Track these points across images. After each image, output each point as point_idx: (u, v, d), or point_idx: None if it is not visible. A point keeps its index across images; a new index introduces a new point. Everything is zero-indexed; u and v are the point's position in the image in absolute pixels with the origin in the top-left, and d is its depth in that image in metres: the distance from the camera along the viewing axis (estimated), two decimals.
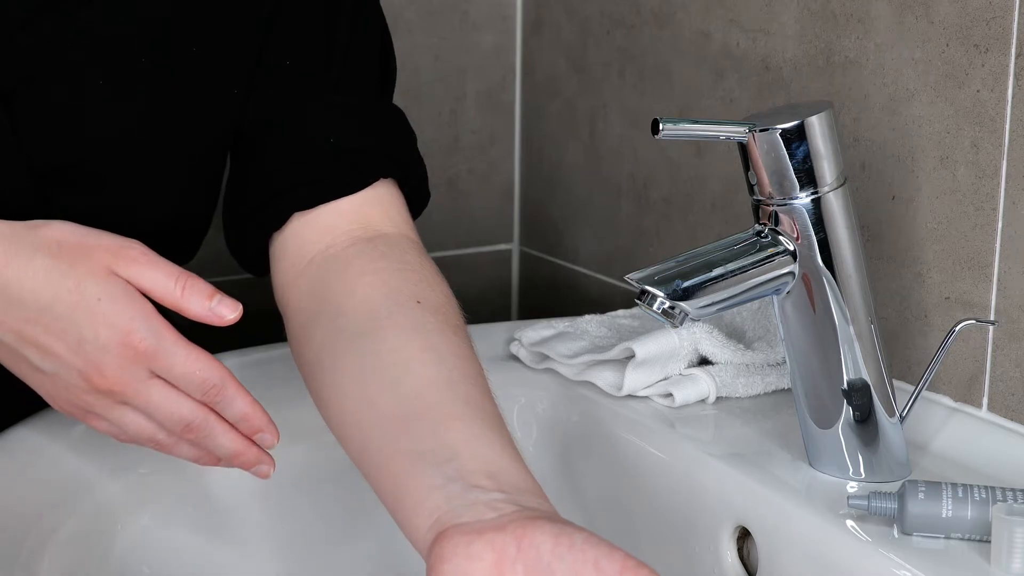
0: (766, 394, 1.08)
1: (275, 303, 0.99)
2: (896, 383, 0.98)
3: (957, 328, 0.94)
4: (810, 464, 0.95)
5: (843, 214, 0.89)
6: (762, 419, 1.04)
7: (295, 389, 0.94)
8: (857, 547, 0.86)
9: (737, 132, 0.88)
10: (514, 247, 1.57)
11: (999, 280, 0.98)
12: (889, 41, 1.05)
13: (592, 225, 1.43)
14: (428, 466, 0.79)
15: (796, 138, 0.88)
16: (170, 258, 0.86)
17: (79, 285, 0.83)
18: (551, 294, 1.51)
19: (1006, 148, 0.97)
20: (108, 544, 0.92)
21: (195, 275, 0.85)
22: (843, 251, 0.90)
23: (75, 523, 0.90)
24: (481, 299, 1.55)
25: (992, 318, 0.99)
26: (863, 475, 0.94)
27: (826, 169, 0.89)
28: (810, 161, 0.88)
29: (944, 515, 0.85)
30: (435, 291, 0.92)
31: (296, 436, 0.94)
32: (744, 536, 0.95)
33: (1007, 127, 0.97)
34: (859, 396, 0.92)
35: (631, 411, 1.05)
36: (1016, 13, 0.95)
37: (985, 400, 1.00)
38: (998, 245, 0.98)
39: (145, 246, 0.85)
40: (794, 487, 0.93)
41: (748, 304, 1.01)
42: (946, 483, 0.86)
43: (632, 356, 1.06)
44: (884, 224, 1.06)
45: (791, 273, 0.90)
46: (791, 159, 0.88)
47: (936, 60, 1.01)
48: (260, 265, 1.01)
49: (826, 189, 0.89)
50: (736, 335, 1.11)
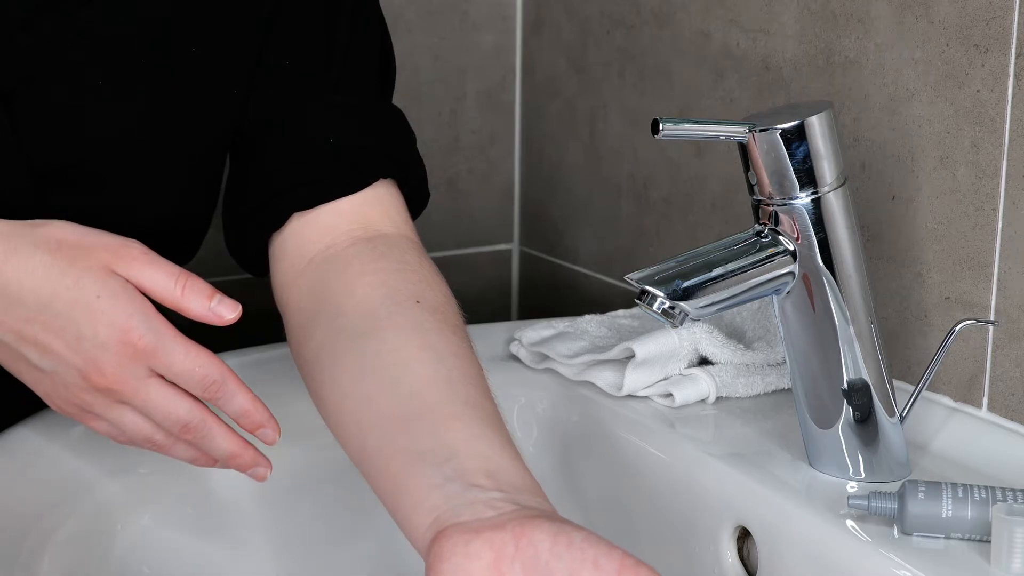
0: (766, 394, 1.08)
1: (275, 303, 0.99)
2: (896, 383, 0.98)
3: (957, 328, 0.94)
4: (810, 464, 0.95)
5: (843, 214, 0.89)
6: (762, 419, 1.04)
7: (294, 389, 0.94)
8: (857, 547, 0.86)
9: (737, 132, 0.88)
10: (514, 247, 1.57)
11: (999, 280, 0.98)
12: (889, 41, 1.05)
13: (592, 225, 1.43)
14: (427, 465, 0.79)
15: (796, 138, 0.88)
16: (170, 258, 0.86)
17: (78, 283, 0.83)
18: (551, 294, 1.51)
19: (1006, 148, 0.97)
20: (108, 544, 0.91)
21: (195, 275, 0.85)
22: (843, 251, 0.90)
23: (75, 523, 0.90)
24: (481, 299, 1.55)
25: (992, 318, 0.99)
26: (863, 475, 0.94)
27: (826, 169, 0.89)
28: (810, 161, 0.88)
29: (944, 515, 0.85)
30: (434, 291, 0.93)
31: (296, 436, 0.94)
32: (744, 536, 0.95)
33: (1007, 127, 0.96)
34: (859, 396, 0.92)
35: (631, 411, 1.05)
36: (1016, 13, 0.95)
37: (985, 400, 1.00)
38: (998, 245, 0.98)
39: (145, 246, 0.85)
40: (794, 487, 0.93)
41: (748, 304, 1.01)
42: (946, 483, 0.86)
43: (632, 356, 1.06)
44: (884, 224, 1.06)
45: (791, 273, 0.90)
46: (791, 159, 0.88)
47: (936, 60, 1.01)
48: (260, 265, 1.01)
49: (826, 189, 0.89)
50: (736, 335, 1.11)
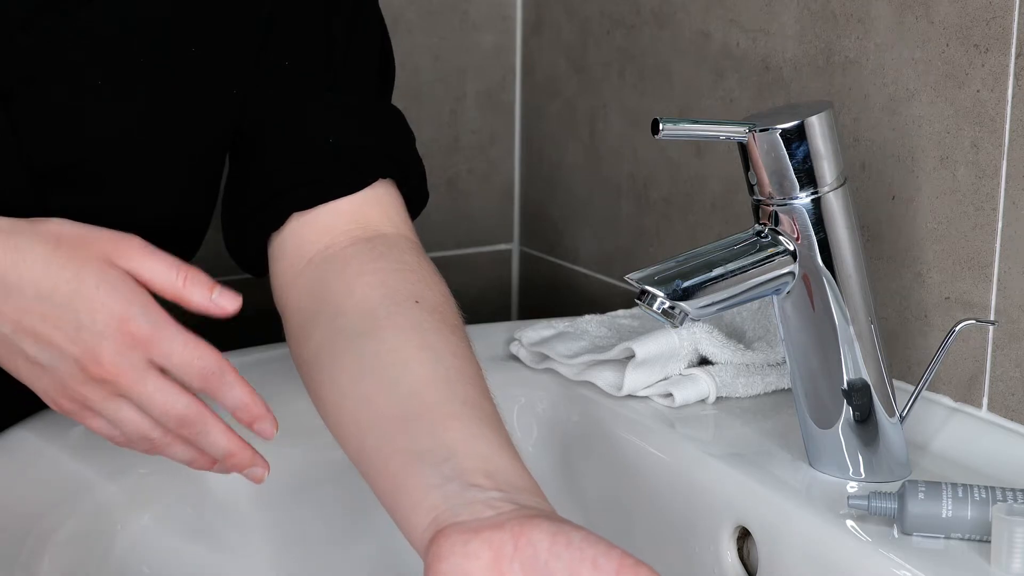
0: (766, 394, 1.08)
1: (274, 303, 0.99)
2: (896, 383, 0.98)
3: (957, 328, 0.94)
4: (810, 464, 0.95)
5: (843, 214, 0.89)
6: (762, 419, 1.04)
7: (294, 389, 0.94)
8: (857, 547, 0.86)
9: (737, 132, 0.88)
10: (514, 247, 1.57)
11: (999, 280, 0.98)
12: (889, 41, 1.05)
13: (592, 225, 1.43)
14: (426, 465, 0.79)
15: (796, 138, 0.88)
16: None
17: (77, 274, 0.83)
18: (551, 294, 1.51)
19: (1006, 148, 0.97)
20: (108, 544, 0.91)
21: (195, 267, 0.85)
22: (843, 251, 0.90)
23: (75, 523, 0.90)
24: (481, 299, 1.55)
25: (992, 318, 0.99)
26: (863, 475, 0.93)
27: (826, 169, 0.89)
28: (810, 161, 0.88)
29: (944, 515, 0.85)
30: (433, 291, 0.93)
31: (295, 436, 0.94)
32: (744, 536, 0.95)
33: (1007, 127, 0.96)
34: (859, 396, 0.92)
35: (631, 411, 1.05)
36: (1016, 13, 0.95)
37: (985, 400, 1.00)
38: (998, 245, 0.98)
39: (144, 240, 0.85)
40: (794, 487, 0.93)
41: (748, 304, 1.01)
42: (946, 483, 0.86)
43: (632, 356, 1.06)
44: (884, 224, 1.06)
45: (791, 273, 0.90)
46: (791, 159, 0.88)
47: (936, 60, 1.01)
48: (259, 265, 1.00)
49: (826, 189, 0.89)
50: (736, 335, 1.11)
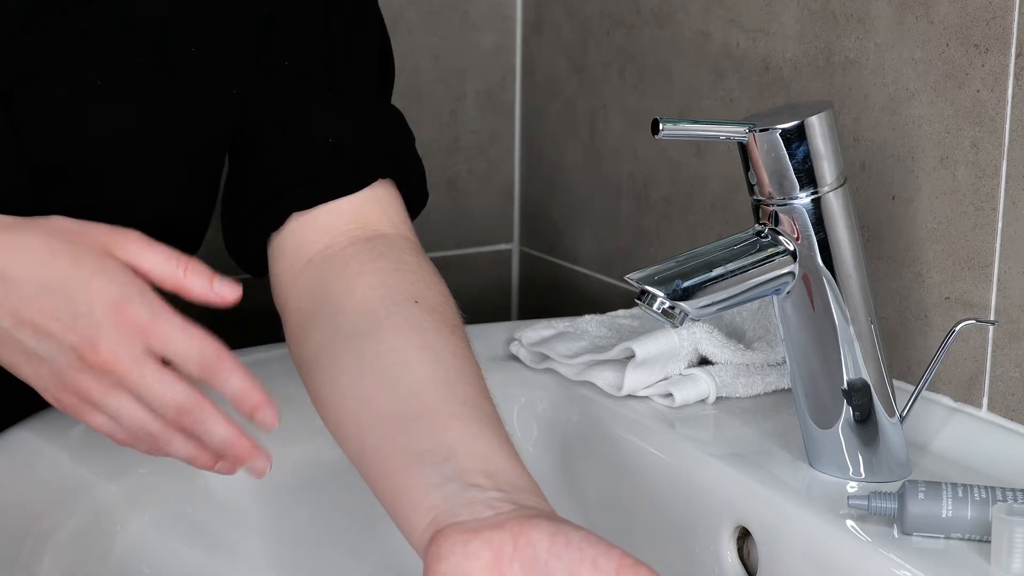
0: (766, 394, 1.08)
1: (274, 303, 0.99)
2: (896, 383, 0.98)
3: (957, 328, 0.94)
4: (810, 464, 0.95)
5: (843, 214, 0.89)
6: (762, 419, 1.04)
7: (294, 389, 0.94)
8: (857, 547, 0.86)
9: (737, 132, 0.88)
10: (514, 247, 1.57)
11: (999, 280, 0.98)
12: (889, 41, 1.05)
13: (592, 225, 1.43)
14: (426, 465, 0.79)
15: (796, 138, 0.88)
16: None
17: (75, 263, 0.83)
18: (551, 294, 1.51)
19: (1006, 148, 0.97)
20: (108, 544, 0.91)
21: (195, 258, 0.84)
22: (843, 251, 0.90)
23: (75, 523, 0.90)
24: (481, 299, 1.55)
25: (992, 318, 0.99)
26: (863, 475, 0.93)
27: (826, 169, 0.89)
28: (810, 161, 0.88)
29: (944, 515, 0.85)
30: (433, 291, 0.93)
31: (295, 436, 0.94)
32: (744, 536, 0.95)
33: (1007, 127, 0.96)
34: (859, 396, 0.92)
35: (631, 411, 1.05)
36: (1016, 13, 0.95)
37: (985, 400, 1.00)
38: (998, 245, 0.98)
39: (143, 233, 0.85)
40: (794, 487, 0.93)
41: (748, 304, 1.00)
42: (946, 483, 0.86)
43: (632, 356, 1.06)
44: (884, 224, 1.06)
45: (791, 273, 0.90)
46: (791, 159, 0.88)
47: (936, 60, 1.01)
48: (259, 265, 1.00)
49: (826, 189, 0.89)
50: (736, 335, 1.11)
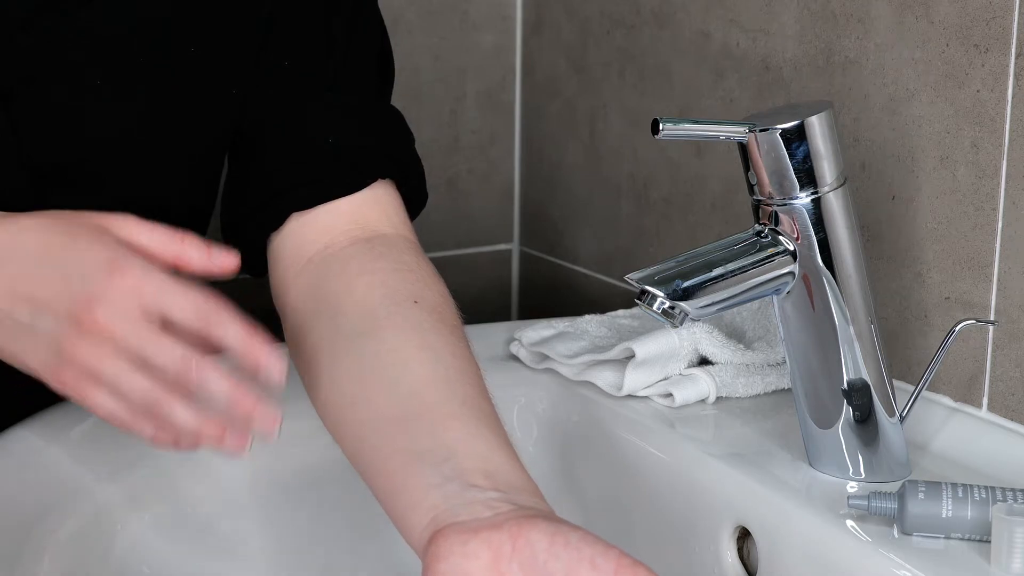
0: (766, 394, 1.08)
1: (274, 303, 0.99)
2: (896, 383, 0.98)
3: (957, 328, 0.94)
4: (810, 464, 0.95)
5: (843, 214, 0.89)
6: (762, 419, 1.04)
7: (293, 389, 0.94)
8: (857, 547, 0.86)
9: (737, 132, 0.88)
10: (514, 247, 1.57)
11: (999, 280, 0.98)
12: (889, 41, 1.05)
13: (592, 225, 1.43)
14: (425, 465, 0.79)
15: (796, 138, 0.88)
16: None
17: (71, 235, 0.81)
18: (551, 294, 1.51)
19: (1006, 148, 0.97)
20: (108, 544, 0.91)
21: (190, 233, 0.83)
22: (843, 251, 0.90)
23: (75, 523, 0.90)
24: (481, 299, 1.55)
25: (992, 318, 0.99)
26: (863, 475, 0.93)
27: (826, 169, 0.89)
28: (810, 161, 0.88)
29: (944, 515, 0.85)
30: (432, 291, 0.93)
31: (296, 436, 0.93)
32: (744, 536, 0.95)
33: (1007, 127, 0.96)
34: (859, 396, 0.92)
35: (631, 411, 1.05)
36: (1016, 13, 0.95)
37: (985, 400, 1.00)
38: (998, 245, 0.98)
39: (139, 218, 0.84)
40: (794, 487, 0.93)
41: (748, 304, 1.00)
42: (946, 483, 0.86)
43: (632, 356, 1.06)
44: (884, 224, 1.06)
45: (791, 273, 0.90)
46: (791, 159, 0.88)
47: (936, 60, 1.01)
48: (259, 265, 1.00)
49: (826, 189, 0.89)
50: (736, 335, 1.11)
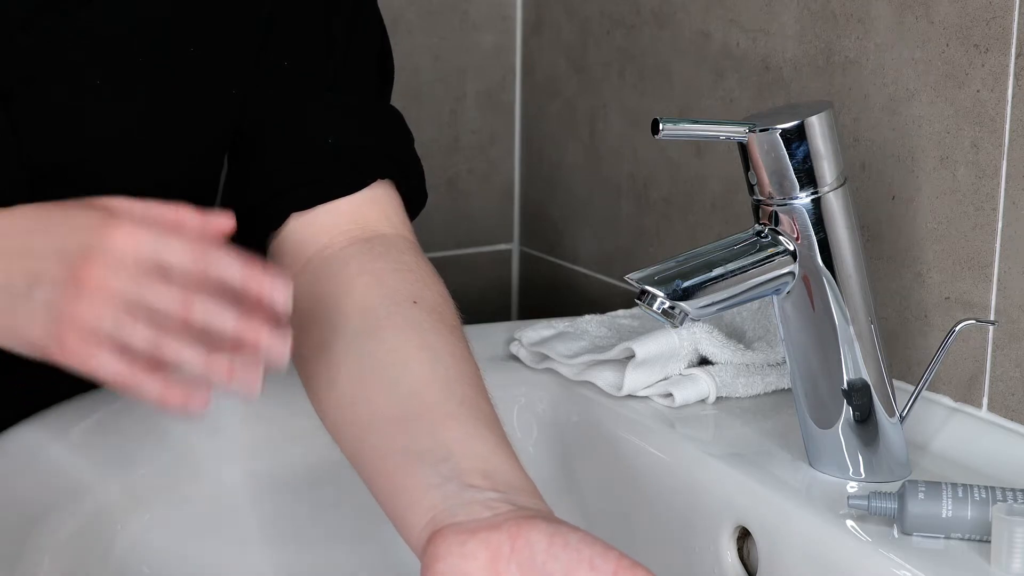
0: (766, 394, 1.08)
1: None
2: (896, 383, 0.98)
3: (957, 328, 0.94)
4: (810, 464, 0.95)
5: (843, 214, 0.89)
6: (762, 419, 1.04)
7: (293, 389, 0.94)
8: (857, 547, 0.86)
9: (737, 132, 0.88)
10: (514, 247, 1.57)
11: (999, 280, 0.98)
12: (889, 41, 1.05)
13: (592, 225, 1.43)
14: (425, 465, 0.79)
15: (796, 138, 0.88)
16: None
17: (62, 206, 0.79)
18: (551, 294, 1.51)
19: (1006, 148, 0.97)
20: (108, 544, 0.91)
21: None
22: (843, 251, 0.90)
23: (75, 523, 0.90)
24: (481, 299, 1.55)
25: (992, 318, 0.99)
26: (863, 475, 0.93)
27: (826, 169, 0.89)
28: (810, 161, 0.88)
29: (944, 515, 0.85)
30: (432, 291, 0.93)
31: (296, 436, 0.94)
32: (744, 536, 0.95)
33: (1007, 127, 0.96)
34: (859, 396, 0.92)
35: (631, 411, 1.05)
36: (1016, 13, 0.95)
37: (985, 400, 1.00)
38: (998, 245, 0.98)
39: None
40: (794, 487, 0.93)
41: (748, 304, 1.00)
42: (946, 483, 0.86)
43: (632, 356, 1.06)
44: (884, 224, 1.06)
45: (791, 273, 0.90)
46: (791, 159, 0.88)
47: (936, 60, 1.01)
48: None
49: (826, 189, 0.89)
50: (736, 335, 1.11)
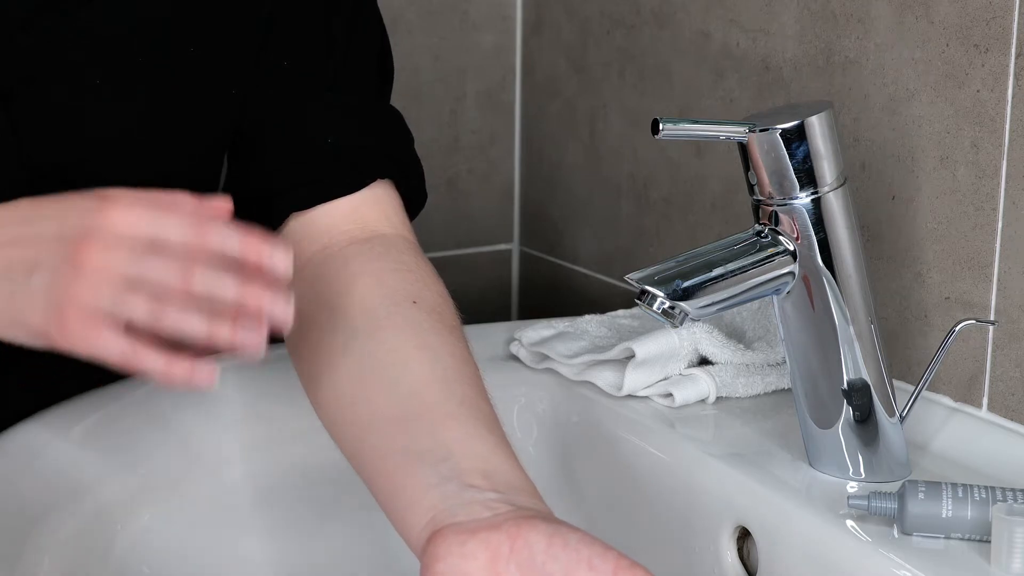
0: (766, 394, 1.08)
1: None
2: (896, 383, 0.98)
3: (957, 328, 0.94)
4: (810, 464, 0.95)
5: (843, 214, 0.89)
6: (762, 419, 1.04)
7: (292, 389, 0.94)
8: (857, 547, 0.86)
9: (737, 132, 0.88)
10: (514, 247, 1.57)
11: (999, 280, 0.98)
12: (889, 41, 1.05)
13: (592, 225, 1.43)
14: (424, 465, 0.79)
15: (796, 138, 0.88)
16: None
17: (61, 200, 0.79)
18: (551, 294, 1.51)
19: (1006, 148, 0.97)
20: (108, 544, 0.91)
21: None
22: (843, 251, 0.90)
23: (75, 523, 0.90)
24: (481, 299, 1.55)
25: (992, 318, 0.99)
26: (863, 475, 0.93)
27: (826, 169, 0.89)
28: (810, 161, 0.88)
29: (944, 515, 0.85)
30: (431, 291, 0.93)
31: (295, 436, 0.94)
32: (744, 536, 0.95)
33: (1007, 127, 0.96)
34: (859, 396, 0.92)
35: (631, 411, 1.05)
36: (1016, 13, 0.95)
37: (985, 400, 1.00)
38: (998, 245, 0.98)
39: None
40: (794, 487, 0.93)
41: (748, 304, 1.00)
42: (946, 483, 0.86)
43: (632, 356, 1.06)
44: (884, 224, 1.06)
45: (791, 273, 0.90)
46: (791, 159, 0.88)
47: (936, 60, 1.01)
48: None
49: (826, 189, 0.89)
50: (736, 335, 1.11)
